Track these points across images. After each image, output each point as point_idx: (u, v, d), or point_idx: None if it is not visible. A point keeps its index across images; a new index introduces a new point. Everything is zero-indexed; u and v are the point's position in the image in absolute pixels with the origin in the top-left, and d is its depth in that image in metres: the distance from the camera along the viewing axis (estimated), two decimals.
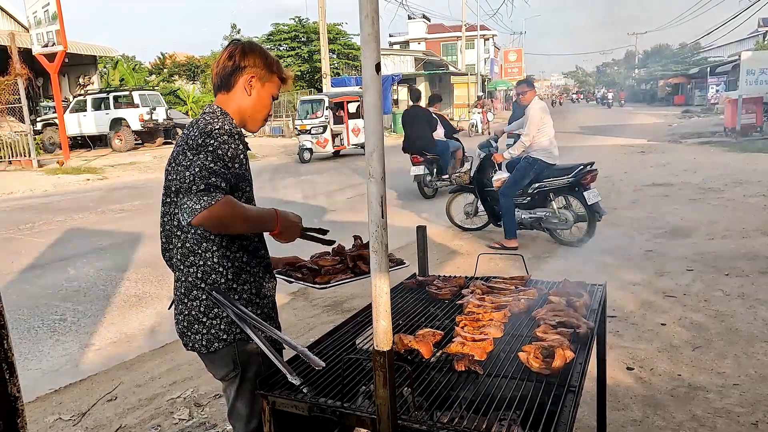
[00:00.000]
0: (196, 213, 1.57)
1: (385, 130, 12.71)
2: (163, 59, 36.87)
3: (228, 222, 1.64)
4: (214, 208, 1.57)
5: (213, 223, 1.61)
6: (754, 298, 4.39)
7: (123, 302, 5.20)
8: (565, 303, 2.01)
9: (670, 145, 16.30)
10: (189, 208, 1.58)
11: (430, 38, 51.76)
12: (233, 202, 1.63)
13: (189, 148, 1.68)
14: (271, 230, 1.77)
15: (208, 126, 1.72)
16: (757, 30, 38.12)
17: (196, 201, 1.57)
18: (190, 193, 1.59)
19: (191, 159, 1.65)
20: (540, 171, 6.07)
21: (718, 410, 2.89)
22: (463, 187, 7.00)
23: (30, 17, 15.86)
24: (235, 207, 1.64)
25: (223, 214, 1.59)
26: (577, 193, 6.02)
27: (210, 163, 1.64)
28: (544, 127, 5.99)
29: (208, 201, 1.57)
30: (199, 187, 1.59)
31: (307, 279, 1.99)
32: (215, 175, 1.62)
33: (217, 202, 1.57)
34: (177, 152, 1.74)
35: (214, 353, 1.78)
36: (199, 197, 1.57)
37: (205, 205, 1.56)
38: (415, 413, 1.46)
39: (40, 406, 3.42)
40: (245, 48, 1.83)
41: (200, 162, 1.63)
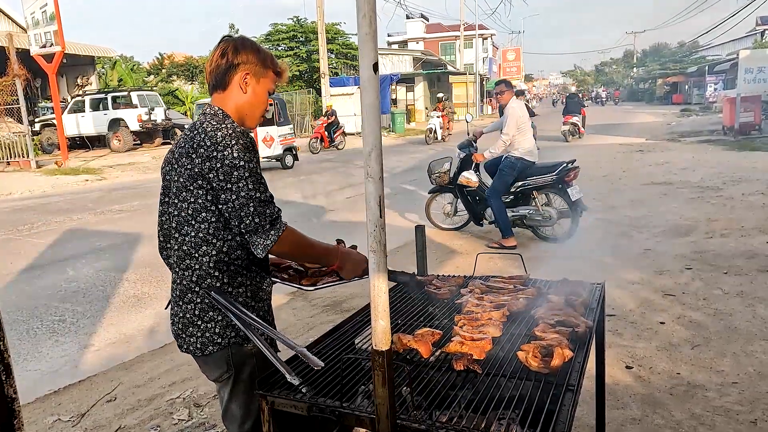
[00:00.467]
0: (268, 248, 1.70)
1: (383, 129, 12.68)
2: (161, 59, 36.85)
3: (294, 252, 1.81)
4: (281, 241, 1.70)
5: (281, 252, 1.75)
6: (752, 296, 4.40)
7: (122, 303, 5.20)
8: (563, 302, 2.01)
9: (669, 144, 16.32)
10: (261, 245, 1.69)
11: (428, 38, 51.76)
12: (294, 231, 1.76)
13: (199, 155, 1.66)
14: (330, 264, 1.88)
15: (217, 133, 1.68)
16: (755, 28, 38.16)
17: (265, 238, 1.69)
18: (257, 233, 1.69)
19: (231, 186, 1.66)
20: (523, 170, 6.19)
21: (717, 408, 2.89)
22: (442, 187, 6.97)
23: (28, 18, 15.83)
24: (297, 236, 1.77)
25: (291, 246, 1.75)
26: (561, 190, 6.14)
27: (256, 192, 1.68)
28: (523, 126, 6.10)
29: (276, 234, 1.69)
30: (265, 226, 1.68)
31: (293, 280, 1.98)
32: (268, 205, 1.70)
33: (282, 232, 1.70)
34: (180, 154, 1.72)
35: (209, 356, 1.78)
36: (267, 234, 1.69)
37: (274, 239, 1.69)
38: (414, 413, 1.46)
39: (40, 407, 3.41)
40: (237, 45, 1.79)
41: (246, 193, 1.66)
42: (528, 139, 6.17)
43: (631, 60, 68.91)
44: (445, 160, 6.98)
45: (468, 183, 6.56)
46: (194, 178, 1.68)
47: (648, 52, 64.08)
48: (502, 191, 6.23)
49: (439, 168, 6.89)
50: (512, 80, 49.69)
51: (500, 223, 6.22)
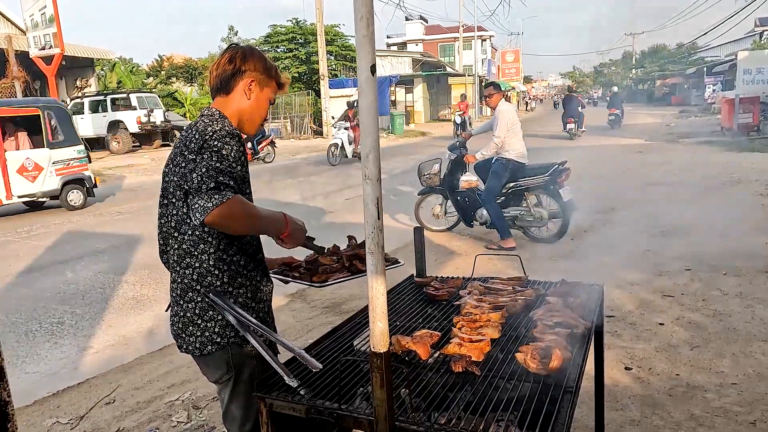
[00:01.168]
0: (208, 211, 1.57)
1: (382, 131, 12.69)
2: (160, 61, 36.84)
3: (240, 220, 1.65)
4: (226, 206, 1.58)
5: (225, 221, 1.61)
6: (752, 297, 4.40)
7: (121, 305, 5.19)
8: (562, 303, 2.01)
9: (668, 145, 16.33)
10: (201, 207, 1.58)
11: (427, 39, 51.81)
12: (243, 200, 1.66)
13: (190, 150, 1.68)
14: (279, 233, 1.79)
15: (208, 128, 1.72)
16: (754, 30, 38.21)
17: (207, 199, 1.58)
18: (200, 192, 1.60)
19: (195, 160, 1.65)
20: (514, 171, 6.23)
21: (717, 409, 2.89)
22: (432, 188, 6.98)
23: (27, 20, 15.83)
24: (246, 205, 1.67)
25: (235, 211, 1.61)
26: (554, 191, 6.19)
27: (216, 162, 1.64)
28: (514, 128, 6.15)
29: (219, 199, 1.58)
30: (209, 185, 1.60)
31: (304, 278, 2.00)
32: (223, 174, 1.63)
33: (228, 199, 1.58)
34: (175, 154, 1.75)
35: (208, 356, 1.78)
36: (210, 195, 1.58)
37: (217, 202, 1.57)
38: (413, 414, 1.46)
39: (38, 409, 3.41)
40: (246, 52, 1.86)
41: (206, 162, 1.64)
42: (519, 140, 6.24)
43: (630, 61, 68.99)
44: (435, 161, 7.00)
45: (470, 185, 6.56)
46: (188, 176, 1.69)
47: (647, 54, 64.15)
48: (496, 193, 6.27)
49: (429, 169, 6.92)
50: (512, 81, 49.59)
51: (498, 225, 6.24)
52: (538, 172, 6.22)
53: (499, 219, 6.21)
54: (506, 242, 6.21)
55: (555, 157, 6.76)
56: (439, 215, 7.12)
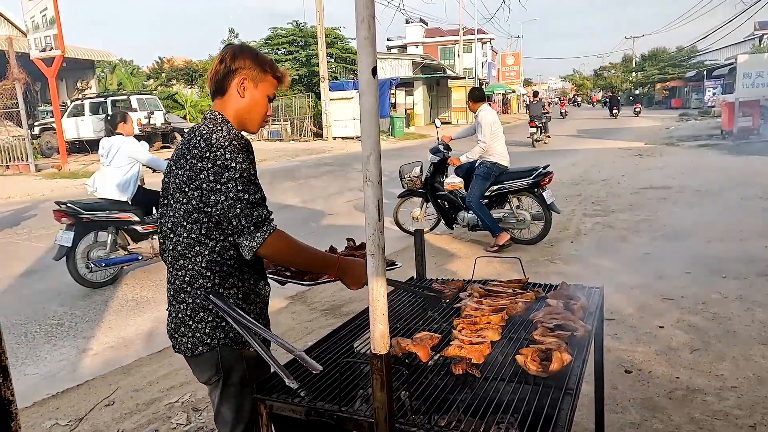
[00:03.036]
0: (254, 251, 1.68)
1: (382, 133, 12.70)
2: (161, 63, 36.87)
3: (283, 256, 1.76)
4: (268, 243, 1.69)
5: (268, 255, 1.72)
6: (751, 300, 4.40)
7: (121, 306, 5.19)
8: (562, 306, 2.01)
9: (668, 148, 16.35)
10: (247, 247, 1.69)
11: (427, 42, 51.88)
12: (283, 234, 1.74)
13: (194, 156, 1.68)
14: (327, 273, 1.86)
15: (213, 135, 1.70)
16: (753, 33, 38.31)
17: (251, 239, 1.68)
18: (243, 234, 1.68)
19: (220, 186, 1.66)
20: (498, 174, 6.37)
21: (717, 413, 2.89)
22: (413, 190, 6.97)
23: (28, 22, 15.86)
24: (287, 239, 1.74)
25: (278, 247, 1.71)
26: (537, 194, 6.35)
27: (244, 193, 1.67)
28: (497, 132, 6.31)
29: (262, 237, 1.68)
30: (249, 228, 1.67)
31: (295, 277, 2.00)
32: (257, 207, 1.69)
33: (269, 235, 1.69)
34: (178, 157, 1.75)
35: (199, 357, 1.79)
36: (253, 236, 1.68)
37: (260, 240, 1.68)
38: (413, 417, 1.46)
39: (38, 411, 3.40)
40: (235, 51, 1.83)
41: (234, 194, 1.66)
42: (502, 144, 6.39)
43: (630, 64, 69.04)
44: (415, 164, 7.02)
45: (454, 187, 6.68)
46: (190, 180, 1.70)
47: (647, 57, 64.18)
48: (480, 195, 6.38)
49: (410, 172, 6.93)
50: (512, 84, 49.63)
51: (488, 224, 6.35)
52: (522, 176, 6.37)
53: (488, 218, 6.32)
54: (500, 238, 6.32)
55: (555, 160, 6.76)
56: (418, 218, 7.15)
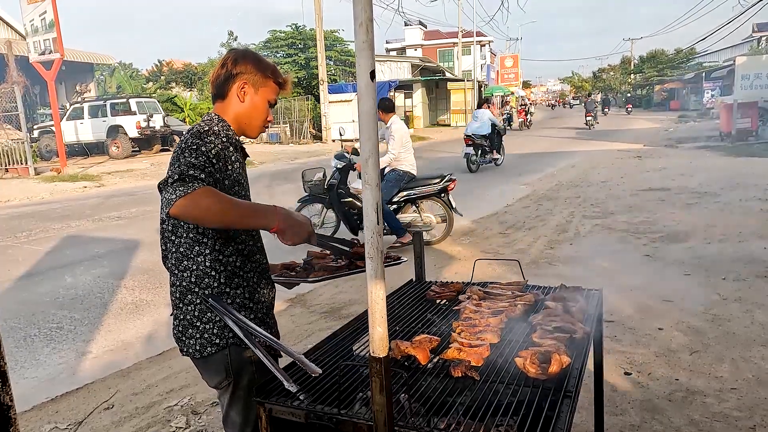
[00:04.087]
0: (172, 203, 1.53)
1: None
2: (160, 66, 36.92)
3: (209, 210, 1.57)
4: (191, 196, 1.53)
5: (192, 211, 1.55)
6: (751, 301, 4.40)
7: (120, 310, 5.18)
8: (561, 308, 2.01)
9: (667, 150, 16.37)
10: (166, 199, 1.56)
11: (426, 44, 51.94)
12: (214, 191, 1.59)
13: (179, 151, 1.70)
14: (268, 226, 1.68)
15: (200, 130, 1.74)
16: (752, 35, 38.35)
17: (171, 192, 1.55)
18: (166, 185, 1.58)
19: (176, 159, 1.67)
20: (407, 181, 6.79)
21: (716, 414, 2.89)
22: (314, 196, 6.94)
23: (27, 25, 15.87)
24: (216, 194, 1.60)
25: (201, 202, 1.55)
26: (444, 198, 6.86)
27: (190, 158, 1.63)
28: (406, 144, 6.73)
29: (184, 190, 1.54)
30: (174, 178, 1.57)
31: (300, 276, 2.02)
32: (193, 168, 1.60)
33: (193, 190, 1.54)
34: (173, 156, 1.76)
35: (207, 358, 1.78)
36: (175, 188, 1.55)
37: (181, 194, 1.53)
38: (412, 420, 1.46)
39: (37, 414, 3.40)
40: (237, 55, 1.84)
41: (182, 159, 1.64)
42: (411, 154, 6.84)
43: (629, 66, 69.13)
44: (317, 169, 7.07)
45: (358, 191, 6.75)
46: None
47: (645, 59, 64.28)
48: (387, 199, 6.67)
49: (313, 177, 6.94)
50: (510, 86, 49.72)
51: (393, 225, 6.58)
52: (430, 182, 6.83)
53: (393, 220, 6.59)
54: (404, 238, 6.58)
55: (554, 161, 6.78)
56: (317, 224, 7.10)
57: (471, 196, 10.33)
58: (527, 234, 7.20)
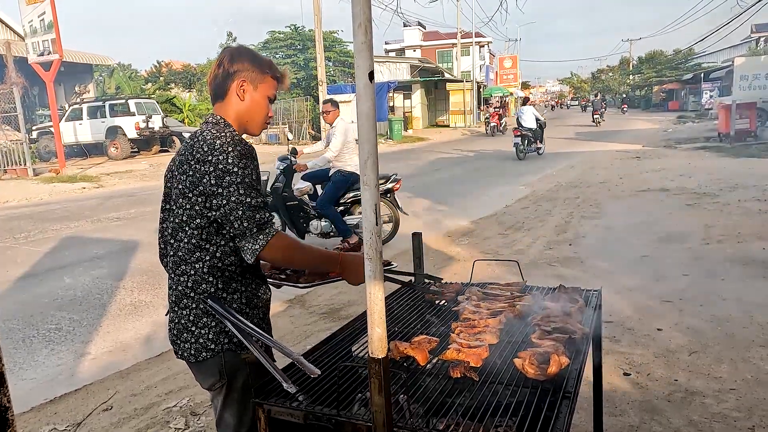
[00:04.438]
0: (257, 253, 1.68)
1: (380, 137, 12.72)
2: (159, 67, 36.87)
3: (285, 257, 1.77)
4: (271, 246, 1.69)
5: (270, 257, 1.73)
6: (750, 302, 4.40)
7: (119, 311, 5.18)
8: (560, 309, 2.01)
9: (666, 151, 16.38)
10: (250, 250, 1.69)
11: (425, 45, 51.95)
12: (285, 236, 1.75)
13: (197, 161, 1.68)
14: (330, 271, 1.88)
15: (216, 141, 1.69)
16: (750, 36, 38.41)
17: (253, 242, 1.68)
18: (245, 237, 1.68)
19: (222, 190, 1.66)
20: (353, 182, 6.69)
21: (715, 415, 2.89)
22: None
23: (26, 26, 15.86)
24: (289, 240, 1.76)
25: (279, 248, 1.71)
26: (390, 198, 6.86)
27: (246, 197, 1.67)
28: (350, 143, 6.58)
29: (264, 240, 1.68)
30: (252, 230, 1.68)
31: (290, 279, 2.01)
32: (259, 210, 1.69)
33: (272, 237, 1.69)
34: (181, 162, 1.73)
35: (202, 363, 1.78)
36: (255, 238, 1.68)
37: (263, 244, 1.68)
38: (411, 420, 1.46)
39: (35, 416, 3.39)
40: (233, 53, 1.82)
41: (236, 198, 1.66)
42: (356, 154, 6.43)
43: (628, 67, 69.20)
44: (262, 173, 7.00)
45: (303, 192, 6.78)
46: (194, 185, 1.70)
47: (644, 60, 64.34)
48: (331, 200, 6.63)
49: None
50: (510, 87, 49.63)
51: (339, 227, 6.59)
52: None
53: (338, 221, 6.59)
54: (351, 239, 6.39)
55: (553, 162, 6.78)
56: None
57: (470, 197, 10.35)
58: (526, 234, 7.20)
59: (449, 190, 11.27)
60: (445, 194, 10.74)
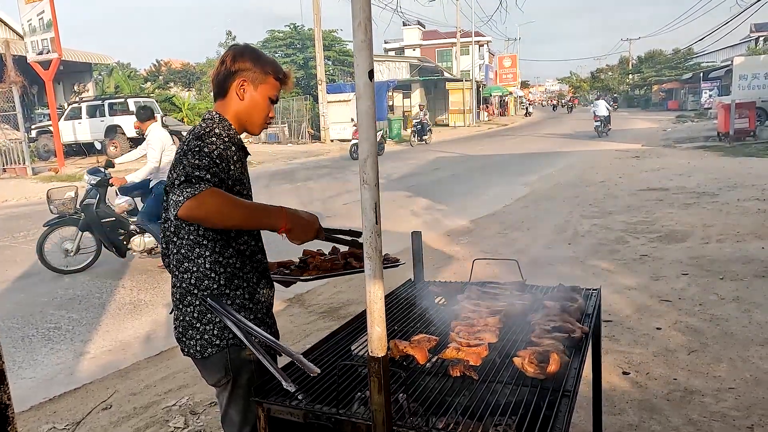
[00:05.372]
0: (179, 204, 1.55)
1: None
2: (158, 66, 36.85)
3: (217, 211, 1.59)
4: (198, 197, 1.54)
5: (199, 212, 1.57)
6: (749, 301, 4.41)
7: (118, 310, 5.18)
8: (559, 308, 2.01)
9: (665, 150, 16.39)
10: (173, 201, 1.57)
11: (425, 44, 51.96)
12: (221, 192, 1.61)
13: (182, 154, 1.70)
14: (275, 226, 1.70)
15: (202, 132, 1.74)
16: (749, 35, 38.42)
17: (179, 193, 1.56)
18: (173, 187, 1.60)
19: (179, 161, 1.67)
20: None
21: (714, 414, 2.89)
22: (64, 218, 6.13)
23: (25, 25, 15.84)
24: (224, 195, 1.61)
25: (209, 202, 1.56)
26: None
27: (194, 159, 1.64)
28: (170, 151, 6.01)
29: (191, 191, 1.55)
30: (181, 179, 1.58)
31: (294, 273, 2.01)
32: (198, 169, 1.61)
33: (200, 192, 1.55)
34: (177, 159, 1.74)
35: (208, 359, 1.78)
36: (182, 189, 1.56)
37: (188, 195, 1.54)
38: (411, 419, 1.46)
39: (35, 415, 3.39)
40: (236, 52, 1.82)
41: (186, 161, 1.64)
42: None
43: (627, 66, 69.23)
44: (68, 188, 6.37)
45: (124, 209, 6.27)
46: None
47: (643, 59, 64.38)
48: (158, 215, 5.90)
49: (62, 196, 6.15)
50: (509, 86, 49.61)
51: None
52: None
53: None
54: None
55: (552, 161, 6.77)
56: (71, 250, 6.22)
57: (470, 196, 10.34)
58: (526, 234, 7.20)
59: (449, 190, 11.27)
60: (445, 193, 10.74)
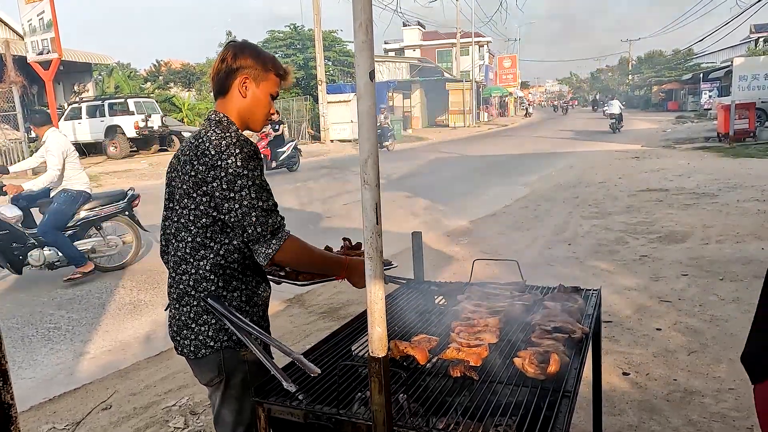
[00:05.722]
0: (270, 257, 1.72)
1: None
2: (158, 66, 36.84)
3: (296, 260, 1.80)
4: (283, 247, 1.72)
5: (283, 259, 1.75)
6: (748, 302, 4.41)
7: (118, 310, 5.18)
8: (560, 308, 2.01)
9: (665, 151, 16.40)
10: (263, 254, 1.72)
11: (425, 45, 51.98)
12: (297, 240, 1.77)
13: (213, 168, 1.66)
14: (336, 275, 1.90)
15: (222, 141, 1.69)
16: (749, 36, 38.46)
17: (267, 246, 1.71)
18: (260, 241, 1.71)
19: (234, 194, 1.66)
20: (84, 202, 6.02)
21: (714, 414, 2.89)
22: None
23: (25, 25, 15.83)
24: (300, 244, 1.78)
25: (289, 251, 1.74)
26: (131, 215, 6.39)
27: (257, 200, 1.68)
28: (71, 157, 5.85)
29: (277, 244, 1.72)
30: (266, 235, 1.70)
31: (290, 276, 2.00)
32: (272, 213, 1.71)
33: (284, 242, 1.72)
34: (185, 162, 1.72)
35: (201, 359, 1.79)
36: (269, 243, 1.71)
37: (276, 248, 1.71)
38: (411, 419, 1.46)
39: (35, 415, 3.39)
40: (236, 49, 1.81)
41: (248, 202, 1.67)
42: (81, 170, 6.02)
43: (627, 67, 69.28)
44: None
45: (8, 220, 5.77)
46: (198, 186, 1.70)
47: (643, 60, 64.44)
48: (62, 226, 5.86)
49: None
50: (509, 87, 49.67)
51: (71, 255, 5.86)
52: (113, 200, 6.24)
53: (70, 249, 5.85)
54: (86, 267, 5.95)
55: (552, 162, 6.78)
56: None
57: (470, 197, 10.34)
58: (525, 234, 7.21)
59: (448, 190, 11.27)
60: (444, 194, 10.74)
